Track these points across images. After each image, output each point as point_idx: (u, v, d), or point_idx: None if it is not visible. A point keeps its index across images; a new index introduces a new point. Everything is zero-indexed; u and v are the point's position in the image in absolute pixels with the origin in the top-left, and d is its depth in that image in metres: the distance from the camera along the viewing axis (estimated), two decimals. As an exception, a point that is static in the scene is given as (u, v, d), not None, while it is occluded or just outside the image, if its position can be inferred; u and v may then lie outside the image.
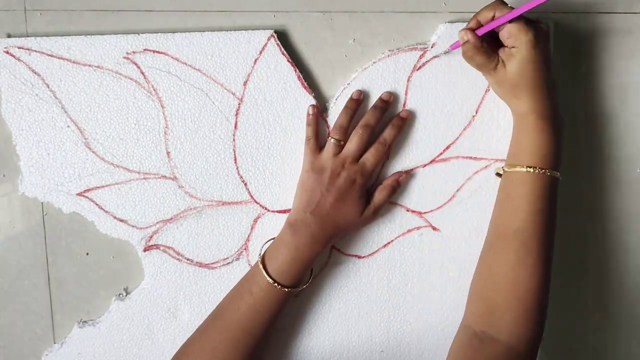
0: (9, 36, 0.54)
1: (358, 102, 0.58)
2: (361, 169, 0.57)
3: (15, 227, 0.57)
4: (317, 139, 0.58)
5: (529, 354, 0.54)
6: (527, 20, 0.53)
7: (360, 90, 0.59)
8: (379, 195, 0.59)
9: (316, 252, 0.56)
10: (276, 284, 0.55)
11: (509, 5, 0.53)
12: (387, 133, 0.59)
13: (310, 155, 0.58)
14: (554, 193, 0.56)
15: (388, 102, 0.59)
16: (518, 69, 0.54)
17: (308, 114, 0.58)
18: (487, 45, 0.54)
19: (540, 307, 0.55)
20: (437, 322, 0.64)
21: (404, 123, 0.60)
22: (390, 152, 0.60)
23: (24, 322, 0.59)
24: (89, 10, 0.55)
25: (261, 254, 0.57)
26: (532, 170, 0.55)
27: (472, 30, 0.54)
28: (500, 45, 0.55)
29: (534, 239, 0.55)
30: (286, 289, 0.55)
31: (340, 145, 0.57)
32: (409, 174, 0.61)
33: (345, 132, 0.58)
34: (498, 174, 0.59)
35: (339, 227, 0.57)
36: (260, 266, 0.55)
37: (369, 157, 0.58)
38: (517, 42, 0.53)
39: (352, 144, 0.57)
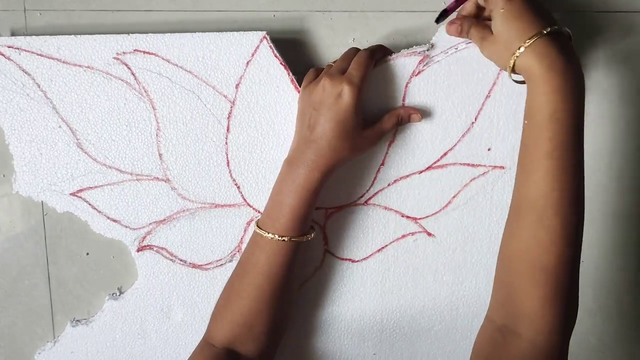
0: (12, 34, 0.53)
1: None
2: (348, 78, 0.52)
3: (15, 227, 0.58)
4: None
5: (557, 353, 0.47)
6: None
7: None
8: (386, 119, 0.56)
9: (315, 182, 0.52)
10: (281, 238, 0.53)
11: None
12: (373, 47, 0.56)
13: (305, 81, 0.56)
14: (581, 161, 0.47)
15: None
16: (500, 24, 0.49)
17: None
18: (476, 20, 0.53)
19: (564, 294, 0.47)
20: (430, 327, 0.64)
21: (390, 53, 0.57)
22: (386, 157, 0.59)
23: (24, 322, 0.60)
24: (88, 10, 0.54)
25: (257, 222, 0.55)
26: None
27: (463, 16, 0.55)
28: None
29: (550, 209, 0.46)
30: (293, 240, 0.53)
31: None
32: (421, 116, 0.57)
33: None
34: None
35: (336, 149, 0.52)
36: (260, 231, 0.53)
37: (352, 69, 0.53)
38: (491, 3, 0.50)
39: (339, 60, 0.55)
